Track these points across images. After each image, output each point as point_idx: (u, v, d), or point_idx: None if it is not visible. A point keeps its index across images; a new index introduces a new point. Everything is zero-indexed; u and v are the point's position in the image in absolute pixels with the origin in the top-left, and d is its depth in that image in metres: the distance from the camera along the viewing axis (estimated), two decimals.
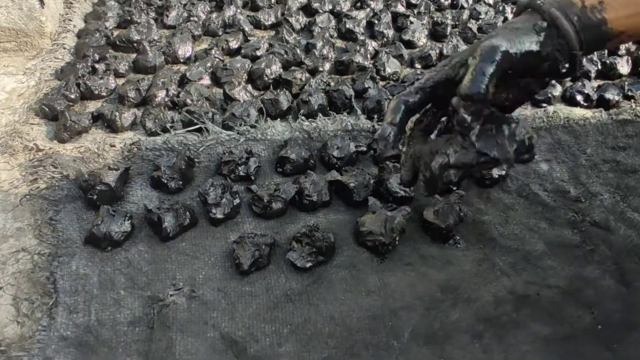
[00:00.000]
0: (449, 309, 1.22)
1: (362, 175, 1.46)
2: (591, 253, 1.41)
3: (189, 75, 1.72)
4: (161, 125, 1.55)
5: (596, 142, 1.78)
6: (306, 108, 1.66)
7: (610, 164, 1.69)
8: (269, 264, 1.27)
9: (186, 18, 1.99)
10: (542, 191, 1.58)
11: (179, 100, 1.63)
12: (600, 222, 1.49)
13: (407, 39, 2.08)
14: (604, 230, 1.47)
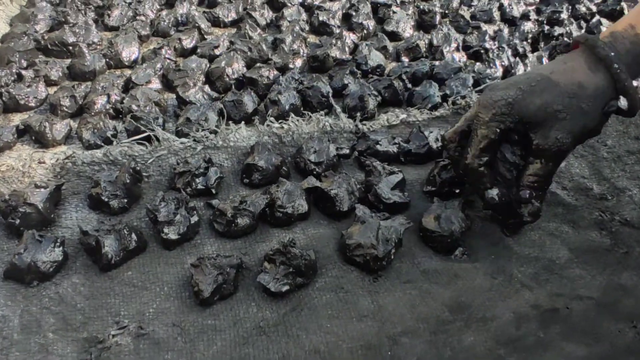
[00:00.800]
0: (460, 332, 1.10)
1: (346, 181, 1.35)
2: (626, 257, 1.31)
3: (135, 79, 1.62)
4: (101, 136, 1.44)
5: (617, 132, 1.71)
6: (276, 109, 1.57)
7: (636, 156, 1.62)
8: (236, 291, 1.15)
9: (132, 17, 1.91)
10: (561, 190, 1.48)
11: (122, 107, 1.53)
12: (632, 221, 1.40)
13: (390, 30, 2.01)
14: (638, 230, 1.38)
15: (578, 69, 1.17)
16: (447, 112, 1.66)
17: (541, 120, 1.16)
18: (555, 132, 1.16)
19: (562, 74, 1.17)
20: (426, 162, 1.52)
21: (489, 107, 1.19)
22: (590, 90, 1.15)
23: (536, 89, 1.16)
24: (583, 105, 1.15)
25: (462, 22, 2.07)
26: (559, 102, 1.15)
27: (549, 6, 2.28)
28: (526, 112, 1.16)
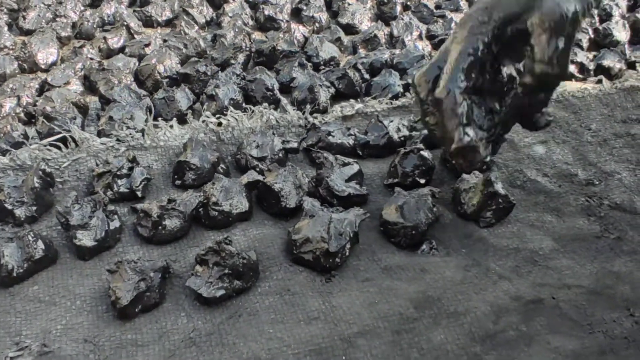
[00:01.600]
0: (428, 330, 1.03)
1: (293, 174, 1.30)
2: (618, 242, 1.27)
3: (51, 80, 1.57)
4: (9, 141, 1.38)
5: (602, 115, 1.68)
6: (213, 105, 1.52)
7: (624, 139, 1.60)
8: (162, 300, 1.08)
9: (51, 19, 1.87)
10: (542, 177, 1.45)
11: (36, 110, 1.46)
12: (623, 204, 1.36)
13: (345, 22, 2.00)
14: (630, 213, 1.35)
15: None
16: (410, 101, 1.63)
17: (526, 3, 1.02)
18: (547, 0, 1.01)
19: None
20: (387, 155, 1.47)
21: (464, 23, 1.08)
22: None
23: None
24: None
25: (426, 12, 2.07)
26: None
27: None
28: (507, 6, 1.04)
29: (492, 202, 1.29)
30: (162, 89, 1.54)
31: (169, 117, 1.49)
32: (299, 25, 1.92)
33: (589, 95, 1.73)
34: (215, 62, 1.70)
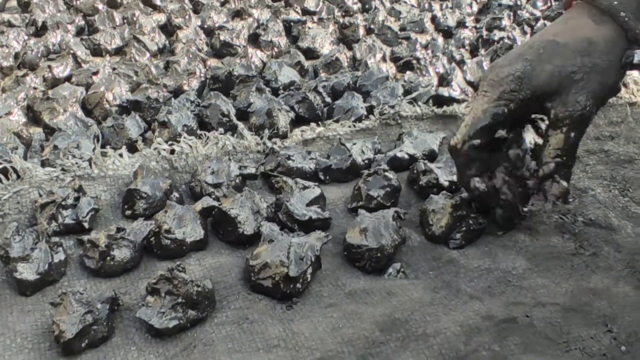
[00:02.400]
0: (396, 354, 1.04)
1: (250, 199, 1.31)
2: (594, 259, 1.30)
3: None
4: None
5: None
6: (166, 132, 1.54)
7: (597, 156, 1.65)
8: (111, 335, 1.07)
9: None
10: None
11: None
12: (598, 220, 1.40)
13: (305, 46, 2.04)
14: (605, 229, 1.38)
15: (583, 26, 1.21)
16: (374, 124, 1.66)
17: (556, 87, 1.18)
18: (574, 95, 1.18)
19: (567, 33, 1.21)
20: (351, 179, 1.50)
21: (496, 85, 1.21)
22: (601, 45, 1.18)
23: (544, 56, 1.19)
24: (598, 61, 1.18)
25: (390, 35, 2.12)
26: (571, 64, 1.18)
27: (488, 14, 2.37)
28: (537, 82, 1.19)
29: (461, 223, 1.31)
30: (111, 117, 1.56)
31: (118, 146, 1.50)
32: (256, 50, 1.96)
33: None
34: (167, 89, 1.72)
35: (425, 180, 1.44)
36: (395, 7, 2.35)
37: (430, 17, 2.30)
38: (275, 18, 2.16)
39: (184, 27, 2.05)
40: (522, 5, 2.46)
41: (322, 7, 2.32)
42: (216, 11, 2.18)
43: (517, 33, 2.16)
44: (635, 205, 1.47)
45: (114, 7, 2.15)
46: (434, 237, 1.32)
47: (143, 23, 2.04)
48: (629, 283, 1.24)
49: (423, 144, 1.58)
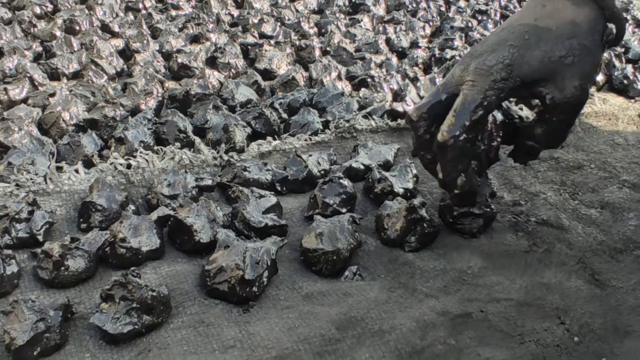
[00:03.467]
0: (352, 350, 1.03)
1: (207, 208, 1.30)
2: (547, 255, 1.31)
3: None
4: None
5: None
6: (122, 148, 1.52)
7: (548, 163, 1.67)
8: (64, 342, 1.04)
9: None
10: None
11: None
12: (549, 220, 1.41)
13: (262, 67, 2.05)
14: (557, 228, 1.40)
15: (563, 8, 1.19)
16: (330, 137, 1.67)
17: (548, 73, 1.17)
18: (570, 80, 1.17)
19: (548, 17, 1.19)
20: (307, 190, 1.49)
21: (485, 74, 1.17)
22: (585, 26, 1.18)
23: (530, 42, 1.17)
24: (585, 42, 1.17)
25: (346, 56, 2.15)
26: (560, 48, 1.16)
27: (440, 36, 2.41)
28: (528, 69, 1.17)
29: (416, 226, 1.32)
30: (67, 135, 1.54)
31: (74, 163, 1.48)
32: (214, 71, 1.97)
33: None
34: (124, 109, 1.71)
35: (380, 188, 1.44)
36: (350, 31, 2.38)
37: (384, 39, 2.33)
38: (233, 42, 2.17)
39: (142, 52, 2.04)
40: (474, 27, 2.50)
41: (278, 32, 2.33)
42: (174, 36, 2.18)
43: None
44: (585, 208, 1.49)
45: (72, 33, 2.14)
46: (389, 240, 1.32)
47: (101, 48, 2.03)
48: (581, 277, 1.25)
49: (378, 155, 1.58)
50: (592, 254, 1.33)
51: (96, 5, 2.38)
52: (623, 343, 1.11)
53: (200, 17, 2.37)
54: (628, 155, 1.73)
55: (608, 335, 1.12)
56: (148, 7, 2.50)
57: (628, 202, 1.51)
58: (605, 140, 1.80)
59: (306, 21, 2.42)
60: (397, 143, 1.67)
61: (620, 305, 1.19)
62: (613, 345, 1.10)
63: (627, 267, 1.30)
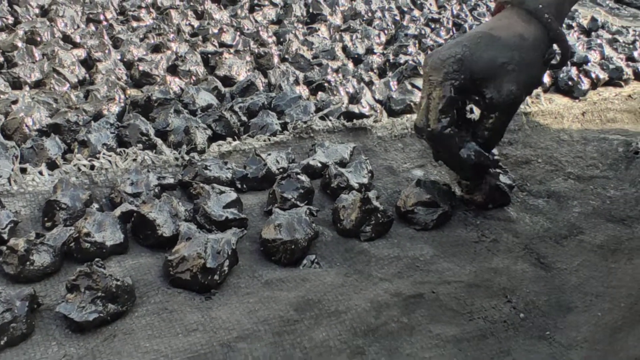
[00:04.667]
0: (310, 329, 1.08)
1: (169, 203, 1.34)
2: (495, 244, 1.38)
3: None
4: None
5: None
6: (86, 151, 1.55)
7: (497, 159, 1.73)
8: (31, 332, 1.07)
9: None
10: None
11: None
12: (497, 215, 1.48)
13: (222, 74, 2.09)
14: (504, 221, 1.46)
15: (515, 24, 1.35)
16: (288, 138, 1.72)
17: (491, 75, 1.32)
18: (507, 84, 1.32)
19: (501, 29, 1.35)
20: (267, 187, 1.53)
21: (439, 67, 1.33)
22: (530, 41, 1.34)
23: (481, 45, 1.32)
24: (525, 55, 1.33)
25: (303, 62, 2.20)
26: (504, 55, 1.32)
27: (395, 44, 2.48)
28: (476, 67, 1.31)
29: (370, 217, 1.37)
30: (30, 139, 1.56)
31: (38, 165, 1.50)
32: (175, 78, 2.00)
33: None
34: (87, 114, 1.74)
35: (336, 183, 1.50)
36: (307, 39, 2.43)
37: (341, 46, 2.39)
38: (193, 51, 2.21)
39: (104, 60, 2.07)
40: (427, 34, 2.58)
41: (238, 41, 2.38)
42: (135, 46, 2.21)
43: (422, 58, 2.26)
44: (532, 198, 1.56)
45: (33, 44, 2.16)
46: (345, 231, 1.37)
47: (63, 57, 2.06)
48: (527, 261, 1.32)
49: (335, 154, 1.63)
50: (539, 240, 1.40)
51: (57, 17, 2.39)
52: (566, 318, 1.17)
53: (161, 28, 2.40)
54: (573, 150, 1.81)
55: (552, 312, 1.18)
56: (109, 19, 2.52)
57: (573, 191, 1.58)
58: (552, 137, 1.88)
59: (265, 31, 2.48)
60: (353, 142, 1.73)
61: (564, 285, 1.26)
62: (557, 320, 1.16)
63: (571, 250, 1.37)
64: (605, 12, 3.33)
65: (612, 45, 2.60)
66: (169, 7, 2.63)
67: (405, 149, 1.76)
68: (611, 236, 1.40)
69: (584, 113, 2.01)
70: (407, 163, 1.69)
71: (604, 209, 1.51)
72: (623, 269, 1.28)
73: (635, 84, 2.27)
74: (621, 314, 1.16)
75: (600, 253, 1.35)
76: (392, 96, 1.97)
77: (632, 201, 1.54)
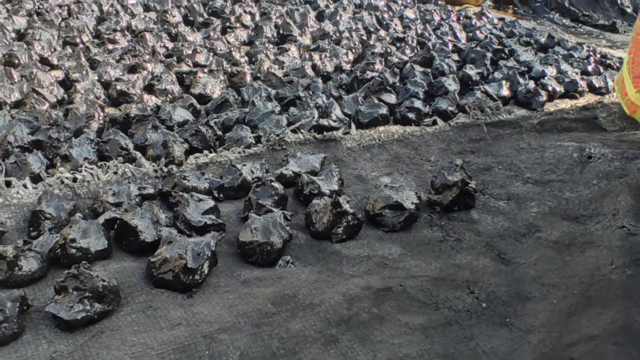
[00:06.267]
0: (287, 322, 1.14)
1: (150, 211, 1.40)
2: (458, 243, 1.46)
3: None
4: None
5: (439, 149, 1.92)
6: (67, 165, 1.61)
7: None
8: (21, 332, 1.12)
9: None
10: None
11: None
12: (460, 217, 1.56)
13: (197, 92, 2.17)
14: (466, 222, 1.54)
15: None
16: (262, 150, 1.79)
17: None
18: None
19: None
20: (243, 196, 1.60)
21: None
22: None
23: None
24: None
25: (275, 80, 2.28)
26: None
27: (362, 62, 2.58)
28: None
29: (341, 219, 1.44)
30: (13, 155, 1.61)
31: (22, 179, 1.55)
32: (151, 96, 2.07)
33: (427, 134, 1.97)
34: (68, 131, 1.79)
35: (308, 190, 1.57)
36: (278, 58, 2.52)
37: (310, 65, 2.48)
38: (169, 71, 2.28)
39: (82, 81, 2.13)
40: (392, 52, 2.68)
41: (211, 61, 2.46)
42: (112, 67, 2.28)
43: (388, 74, 2.36)
44: (494, 201, 1.65)
45: (12, 66, 2.21)
46: (318, 233, 1.44)
47: (41, 79, 2.11)
48: (488, 257, 1.40)
49: (306, 164, 1.71)
50: (499, 238, 1.48)
51: (34, 41, 2.45)
52: (525, 306, 1.25)
53: (137, 50, 2.47)
54: (531, 157, 1.90)
55: (512, 301, 1.26)
56: (85, 42, 2.58)
57: (531, 194, 1.67)
58: (511, 146, 1.98)
59: (237, 51, 2.56)
60: (324, 153, 1.80)
61: (523, 277, 1.34)
62: (516, 308, 1.24)
63: (529, 247, 1.45)
64: (562, 30, 3.48)
65: (567, 61, 2.73)
66: (143, 30, 2.70)
67: (373, 158, 1.84)
68: (566, 232, 1.48)
69: (541, 123, 2.11)
70: (375, 171, 1.77)
71: (559, 209, 1.60)
72: (576, 261, 1.36)
73: (590, 96, 2.39)
74: (575, 300, 1.24)
75: (556, 248, 1.43)
76: (361, 109, 2.05)
77: (586, 201, 1.63)
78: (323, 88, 2.27)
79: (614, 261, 1.30)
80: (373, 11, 3.37)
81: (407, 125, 2.04)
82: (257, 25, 2.94)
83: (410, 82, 2.32)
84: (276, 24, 2.94)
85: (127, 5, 3.13)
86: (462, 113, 2.13)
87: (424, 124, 2.05)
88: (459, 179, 1.58)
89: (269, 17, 3.03)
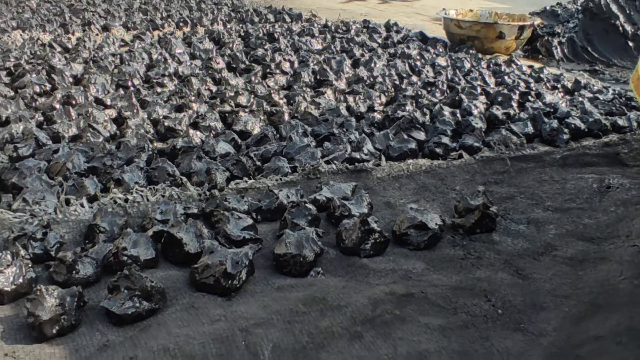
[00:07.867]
0: (316, 320, 1.24)
1: (194, 226, 1.53)
2: (479, 260, 1.54)
3: None
4: None
5: (464, 180, 2.03)
6: (120, 189, 1.76)
7: (484, 195, 1.92)
8: (78, 325, 1.24)
9: None
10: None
11: None
12: (481, 238, 1.65)
13: (239, 129, 2.32)
14: (487, 243, 1.63)
15: None
16: (298, 178, 1.92)
17: None
18: None
19: None
20: (279, 218, 1.72)
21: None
22: None
23: None
24: None
25: (311, 119, 2.43)
26: None
27: (394, 104, 2.72)
28: None
29: (369, 236, 1.55)
30: (71, 179, 1.77)
31: (79, 200, 1.70)
32: (197, 132, 2.23)
33: (452, 166, 2.08)
34: (120, 160, 1.95)
35: (339, 212, 1.69)
36: (315, 100, 2.67)
37: (345, 106, 2.62)
38: (212, 110, 2.44)
39: (133, 118, 2.30)
40: (423, 95, 2.82)
41: (252, 102, 2.62)
42: (160, 106, 2.45)
43: (418, 114, 2.49)
44: (514, 225, 1.74)
45: (70, 106, 2.40)
46: (347, 249, 1.55)
47: (96, 116, 2.29)
48: (506, 272, 1.49)
49: (338, 190, 1.83)
50: (518, 257, 1.57)
51: (90, 84, 2.65)
52: (539, 314, 1.33)
53: (183, 92, 2.65)
54: (552, 188, 1.99)
55: (526, 309, 1.34)
56: (136, 85, 2.77)
57: (550, 219, 1.76)
58: (534, 178, 2.07)
59: (276, 93, 2.72)
60: (355, 181, 1.92)
61: (539, 290, 1.42)
62: (530, 316, 1.32)
63: (546, 264, 1.53)
64: (589, 76, 3.58)
65: (593, 103, 2.82)
66: (189, 75, 2.89)
67: (401, 187, 1.95)
68: (580, 250, 1.56)
69: (563, 158, 2.20)
70: (403, 199, 1.88)
71: (577, 232, 1.68)
72: (588, 275, 1.44)
73: (613, 135, 2.47)
74: (584, 308, 1.32)
75: (571, 264, 1.51)
76: (391, 144, 2.18)
77: (603, 226, 1.71)
78: (356, 126, 2.41)
79: (623, 272, 1.38)
80: (406, 59, 3.52)
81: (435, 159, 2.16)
82: (295, 71, 3.11)
83: (439, 120, 2.45)
84: (313, 70, 3.10)
85: (175, 54, 3.33)
86: (487, 148, 2.23)
87: (450, 157, 2.16)
88: (480, 203, 1.68)
89: (307, 64, 3.19)
